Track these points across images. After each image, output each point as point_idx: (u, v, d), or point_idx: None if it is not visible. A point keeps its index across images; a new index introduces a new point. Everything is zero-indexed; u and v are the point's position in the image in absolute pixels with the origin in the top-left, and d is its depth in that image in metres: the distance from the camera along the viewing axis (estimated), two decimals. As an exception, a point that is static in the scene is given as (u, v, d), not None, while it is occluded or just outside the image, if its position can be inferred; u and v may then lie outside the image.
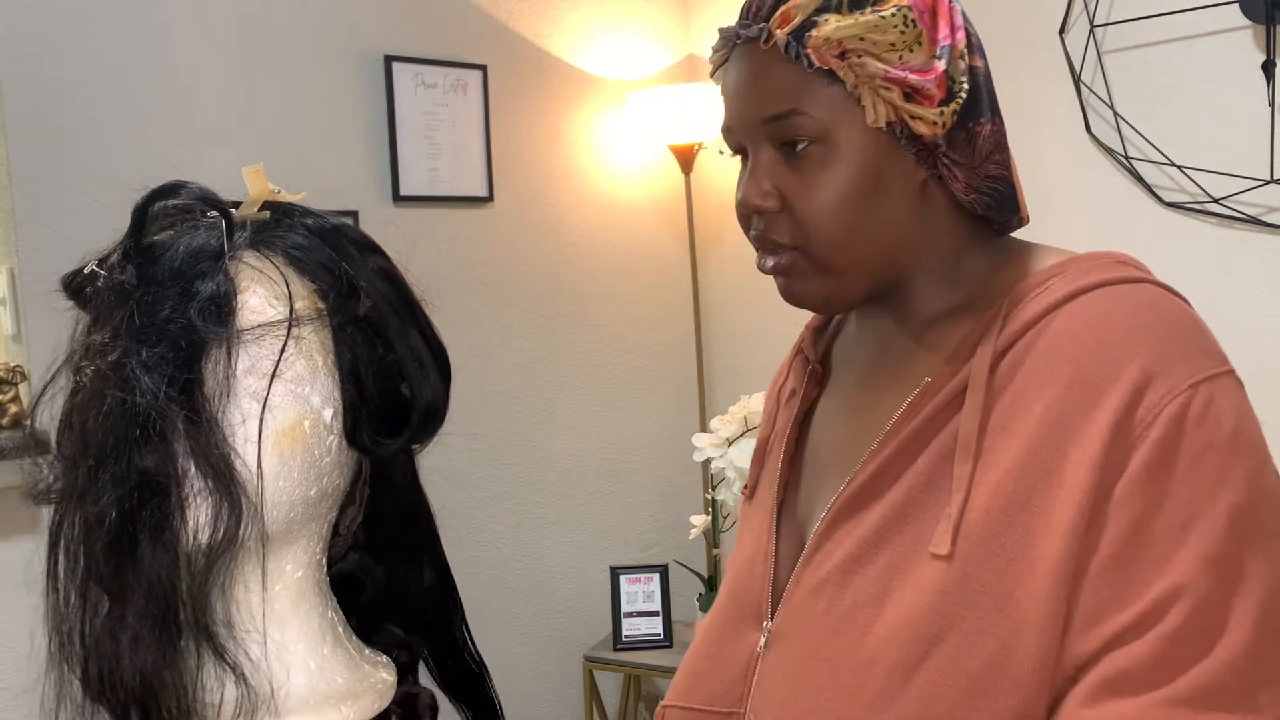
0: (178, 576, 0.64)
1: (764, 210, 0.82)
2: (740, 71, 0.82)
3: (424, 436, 0.76)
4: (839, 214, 0.79)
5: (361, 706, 0.73)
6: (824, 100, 0.79)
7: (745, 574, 0.91)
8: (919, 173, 0.81)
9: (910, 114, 0.78)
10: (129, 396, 0.62)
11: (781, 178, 0.81)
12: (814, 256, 0.81)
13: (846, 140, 0.79)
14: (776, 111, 0.79)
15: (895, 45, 0.77)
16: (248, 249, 0.69)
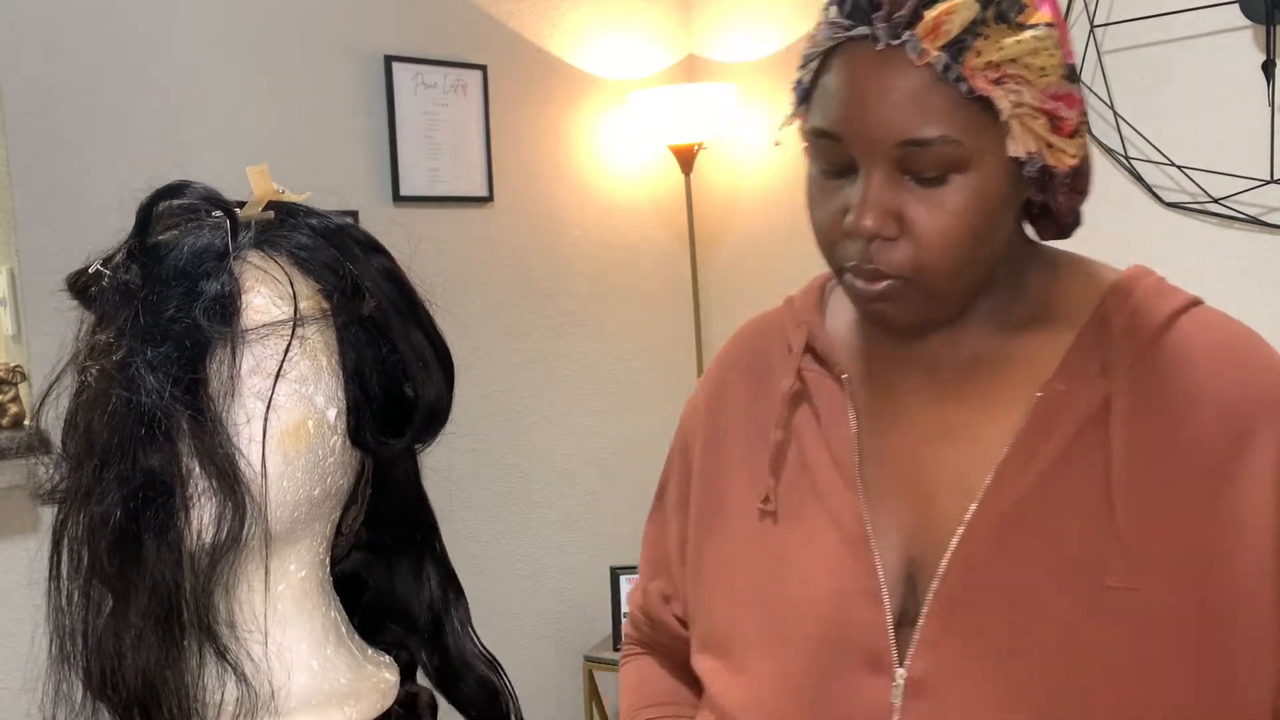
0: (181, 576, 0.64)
1: (881, 236, 0.75)
2: (873, 80, 0.73)
3: (427, 436, 0.76)
4: (964, 244, 0.74)
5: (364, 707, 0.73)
6: (975, 128, 0.72)
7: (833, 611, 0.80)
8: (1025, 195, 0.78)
9: (1049, 143, 0.74)
10: (134, 396, 0.63)
11: (905, 203, 0.74)
12: (924, 285, 0.76)
13: (987, 170, 0.73)
14: (921, 136, 0.72)
15: (1045, 70, 0.72)
16: (252, 249, 0.69)
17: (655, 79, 2.87)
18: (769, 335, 0.95)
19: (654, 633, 1.05)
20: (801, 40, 2.72)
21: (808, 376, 0.88)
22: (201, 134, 2.13)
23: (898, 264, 0.75)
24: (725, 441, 0.93)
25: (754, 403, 0.92)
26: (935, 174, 0.73)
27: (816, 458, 0.85)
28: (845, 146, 0.75)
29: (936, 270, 0.75)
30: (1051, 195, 0.78)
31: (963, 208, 0.73)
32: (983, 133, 0.72)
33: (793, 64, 2.59)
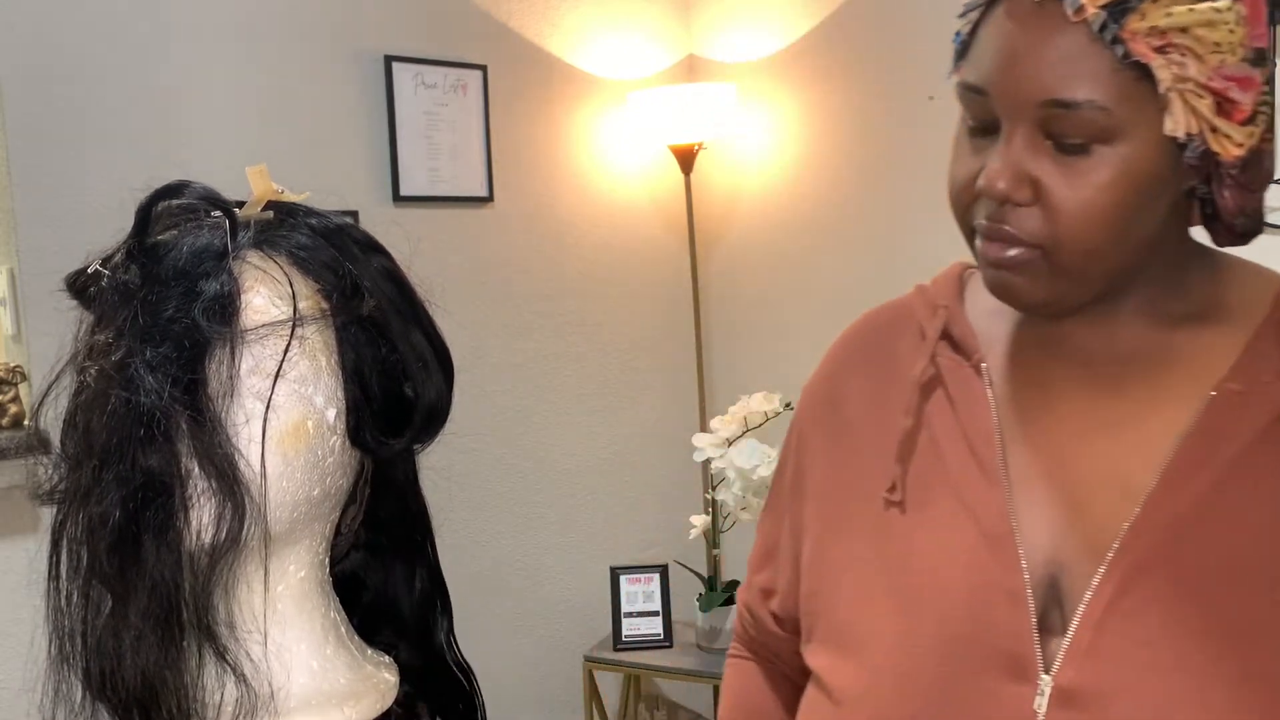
0: (181, 576, 0.64)
1: (1012, 200, 0.71)
2: (1025, 34, 0.69)
3: (427, 436, 0.76)
4: (1105, 223, 0.69)
5: (364, 707, 0.73)
6: (1126, 96, 0.67)
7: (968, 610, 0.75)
8: (1184, 183, 0.72)
9: (1214, 127, 0.68)
10: (133, 396, 0.63)
11: (1043, 169, 0.70)
12: (1057, 260, 0.71)
13: (1137, 146, 0.68)
14: (1068, 98, 0.67)
15: (1220, 46, 0.66)
16: (251, 249, 0.69)
17: (655, 79, 2.87)
18: (895, 322, 0.90)
19: (757, 632, 1.01)
20: (802, 40, 2.73)
21: (942, 363, 0.83)
22: (201, 134, 2.13)
23: (1029, 232, 0.71)
24: (847, 431, 0.88)
25: (878, 391, 0.87)
26: (1079, 141, 0.68)
27: (951, 447, 0.80)
28: (991, 103, 0.72)
29: (1070, 246, 0.70)
30: (1217, 188, 0.71)
31: (1105, 183, 0.68)
32: (1136, 104, 0.67)
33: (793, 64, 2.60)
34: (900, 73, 2.52)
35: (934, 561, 0.78)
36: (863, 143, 2.61)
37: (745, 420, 2.38)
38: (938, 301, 0.87)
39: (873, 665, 0.78)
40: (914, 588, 0.78)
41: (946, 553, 0.77)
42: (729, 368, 2.92)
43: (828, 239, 2.69)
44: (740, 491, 2.35)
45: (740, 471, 2.31)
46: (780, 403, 2.36)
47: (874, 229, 2.59)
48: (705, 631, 2.48)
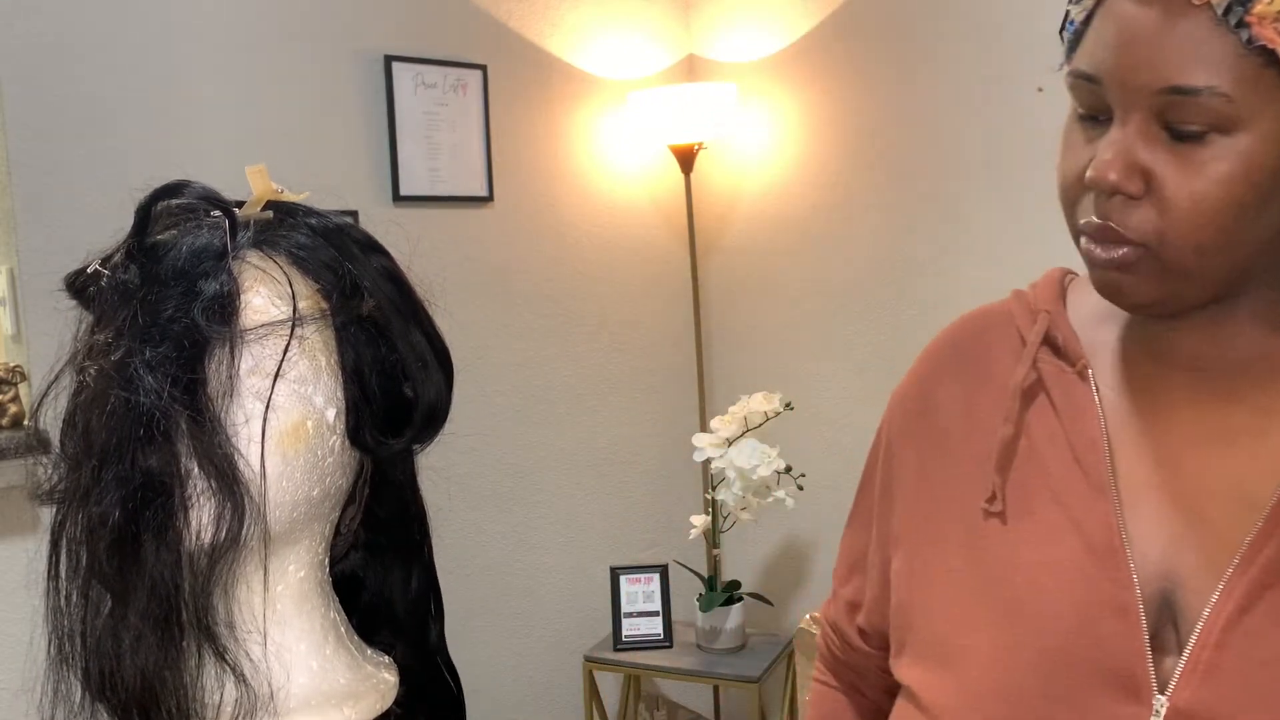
0: (180, 576, 0.64)
1: (1122, 191, 0.67)
2: (1144, 19, 0.65)
3: (427, 436, 0.76)
4: (1219, 219, 0.66)
5: (364, 707, 0.73)
6: (1251, 83, 0.63)
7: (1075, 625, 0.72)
8: None
9: None
10: (132, 396, 0.62)
11: (1157, 159, 0.66)
12: (1167, 259, 0.68)
13: (1259, 138, 0.64)
14: (1188, 84, 0.64)
15: None
16: (251, 248, 0.69)
17: (655, 79, 2.87)
18: (991, 328, 0.87)
19: (842, 650, 0.99)
20: (802, 40, 2.73)
21: (1044, 370, 0.80)
22: (201, 134, 2.13)
23: (1137, 228, 0.67)
24: (941, 440, 0.85)
25: (973, 398, 0.84)
26: (1197, 130, 0.65)
27: (1054, 456, 0.77)
28: (1104, 91, 0.68)
29: (1182, 242, 0.66)
30: None
31: (1223, 175, 0.65)
32: (1261, 93, 0.63)
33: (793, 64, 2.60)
34: (900, 72, 2.52)
35: (1037, 574, 0.75)
36: (863, 142, 2.61)
37: (745, 420, 2.38)
38: (1039, 306, 0.83)
39: (971, 680, 0.75)
40: (1016, 601, 0.75)
41: (1051, 566, 0.74)
42: (729, 368, 2.92)
43: (828, 239, 2.69)
44: (740, 491, 2.35)
45: (740, 471, 2.31)
46: (780, 403, 2.36)
47: (874, 229, 2.59)
48: (705, 631, 2.49)
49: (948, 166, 2.44)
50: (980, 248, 2.37)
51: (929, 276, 2.50)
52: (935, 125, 2.46)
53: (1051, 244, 1.06)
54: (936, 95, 2.45)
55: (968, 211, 2.39)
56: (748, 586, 2.60)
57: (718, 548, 2.58)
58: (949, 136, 2.43)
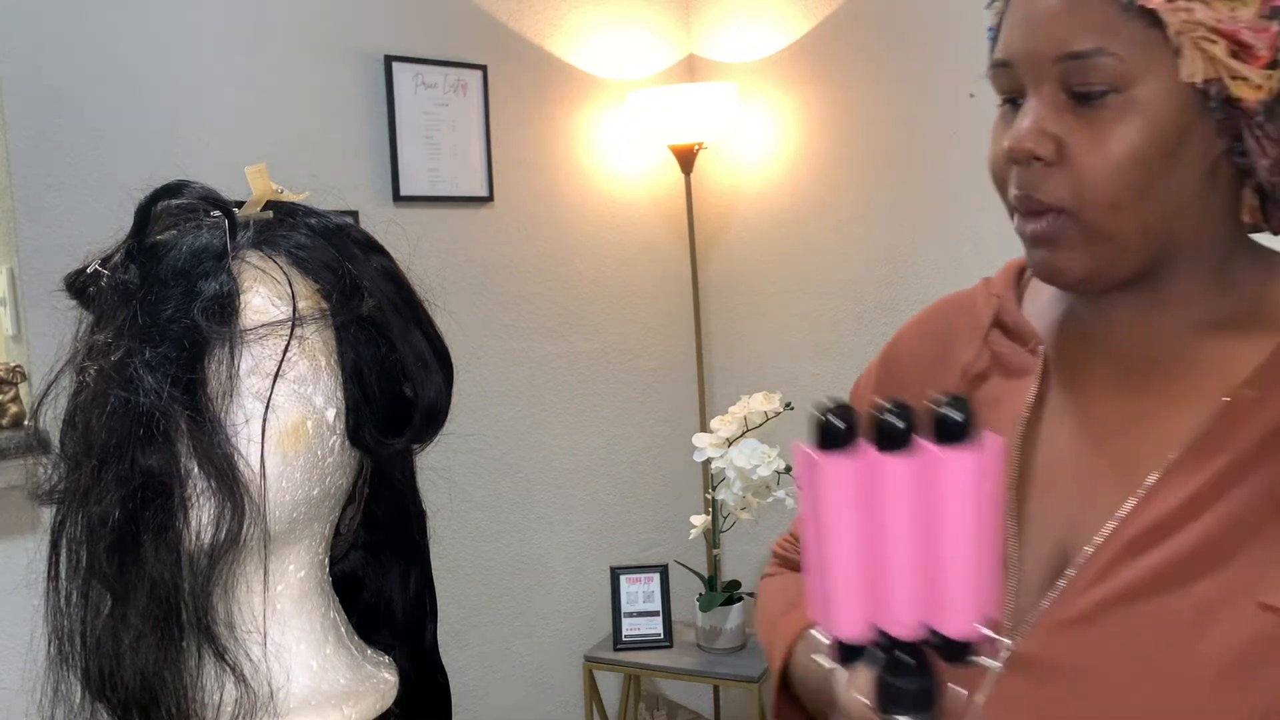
0: (180, 576, 0.64)
1: (1037, 157, 0.73)
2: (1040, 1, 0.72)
3: (426, 436, 0.76)
4: (1127, 174, 0.70)
5: (364, 707, 0.73)
6: (1136, 43, 0.69)
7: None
8: (1217, 145, 0.72)
9: (1233, 73, 0.69)
10: (132, 396, 0.62)
11: (1065, 125, 0.72)
12: (1086, 221, 0.72)
13: (1151, 93, 0.70)
14: (1080, 49, 0.70)
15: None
16: (251, 248, 0.69)
17: (655, 79, 2.87)
18: (956, 313, 0.93)
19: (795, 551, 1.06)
20: (802, 40, 2.73)
21: (998, 351, 0.87)
22: (201, 134, 2.13)
23: (1055, 192, 0.73)
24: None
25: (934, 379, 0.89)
26: (1096, 90, 0.70)
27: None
28: (1016, 72, 0.75)
29: (1098, 200, 0.71)
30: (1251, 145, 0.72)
31: (1125, 133, 0.70)
32: (1149, 51, 0.69)
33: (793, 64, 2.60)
34: (900, 72, 2.52)
35: None
36: (863, 142, 2.61)
37: (745, 420, 2.38)
38: (993, 290, 0.89)
39: None
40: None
41: None
42: (729, 368, 2.92)
43: (827, 239, 2.69)
44: (740, 491, 2.35)
45: (740, 471, 2.31)
46: (780, 403, 2.36)
47: (874, 229, 2.59)
48: (705, 631, 2.48)
49: (947, 166, 2.44)
50: (979, 247, 2.37)
51: (929, 276, 2.49)
52: (935, 125, 2.46)
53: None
54: (936, 95, 2.45)
55: (967, 211, 2.39)
56: (748, 586, 2.60)
57: (718, 548, 2.58)
58: (949, 136, 2.43)
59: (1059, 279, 0.77)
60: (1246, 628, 0.68)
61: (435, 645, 0.84)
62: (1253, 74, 0.69)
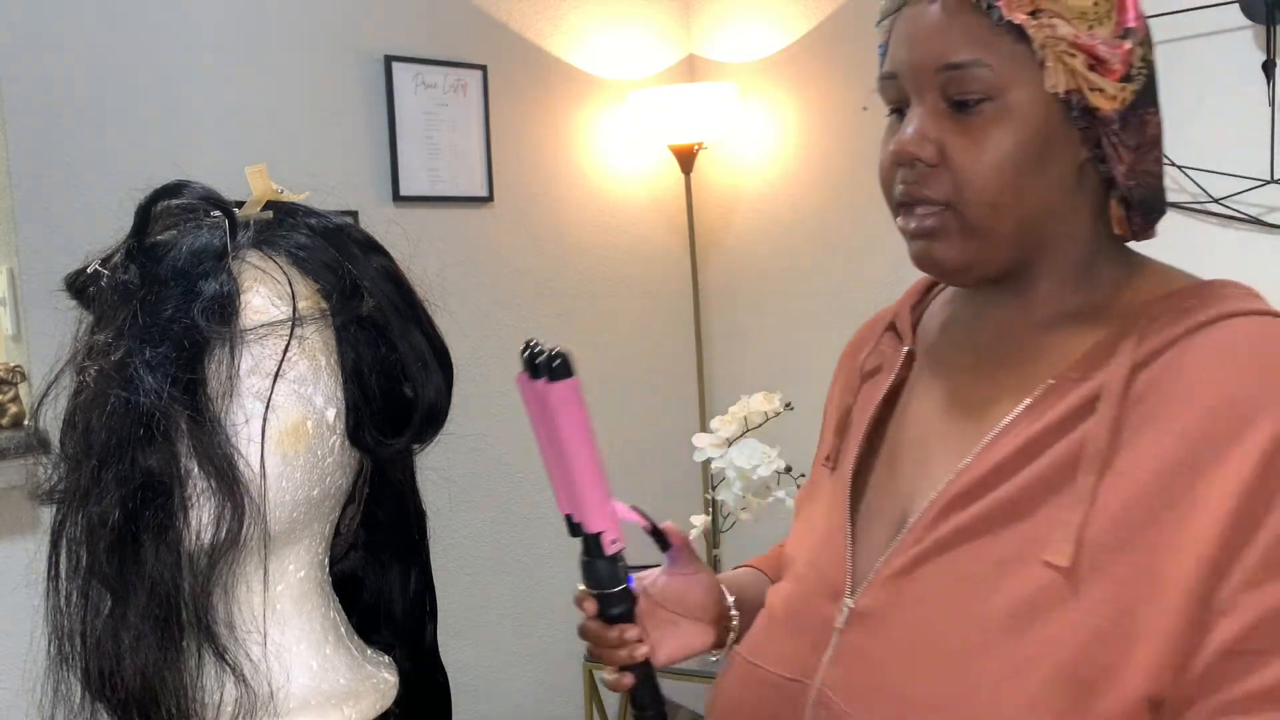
0: (180, 576, 0.64)
1: (920, 159, 0.80)
2: (920, 17, 0.81)
3: (426, 436, 0.76)
4: (1001, 174, 0.78)
5: (364, 707, 0.73)
6: (1006, 56, 0.78)
7: (825, 547, 0.92)
8: (1081, 152, 0.81)
9: (1091, 84, 0.77)
10: (132, 396, 0.62)
11: (945, 131, 0.80)
12: (966, 216, 0.80)
13: (1020, 101, 0.78)
14: (957, 60, 0.78)
15: (1086, 14, 0.77)
16: (251, 248, 0.69)
17: (655, 79, 2.87)
18: (878, 318, 1.04)
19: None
20: (802, 40, 2.73)
21: (887, 351, 0.98)
22: (201, 134, 2.13)
23: (937, 190, 0.80)
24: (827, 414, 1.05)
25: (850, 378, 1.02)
26: (972, 98, 0.78)
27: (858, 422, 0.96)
28: (901, 83, 0.82)
29: (976, 198, 0.79)
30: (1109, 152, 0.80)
31: (999, 136, 0.78)
32: (1017, 63, 0.77)
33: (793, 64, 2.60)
34: (900, 73, 2.52)
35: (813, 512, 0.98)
36: (862, 142, 2.61)
37: (745, 420, 2.37)
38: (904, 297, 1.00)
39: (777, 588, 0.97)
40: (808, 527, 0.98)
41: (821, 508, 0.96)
42: (729, 368, 2.92)
43: (828, 239, 2.69)
44: (740, 491, 2.35)
45: (740, 471, 2.31)
46: (780, 403, 2.36)
47: (874, 228, 2.59)
48: (705, 631, 2.48)
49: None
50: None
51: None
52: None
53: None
54: (936, 95, 2.45)
55: (968, 211, 2.38)
56: (748, 586, 2.59)
57: (718, 548, 2.58)
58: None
59: (936, 268, 0.84)
60: (1031, 581, 0.75)
61: (435, 645, 0.84)
62: (1108, 85, 0.78)
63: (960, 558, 0.79)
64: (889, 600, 0.83)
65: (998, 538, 0.78)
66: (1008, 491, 0.78)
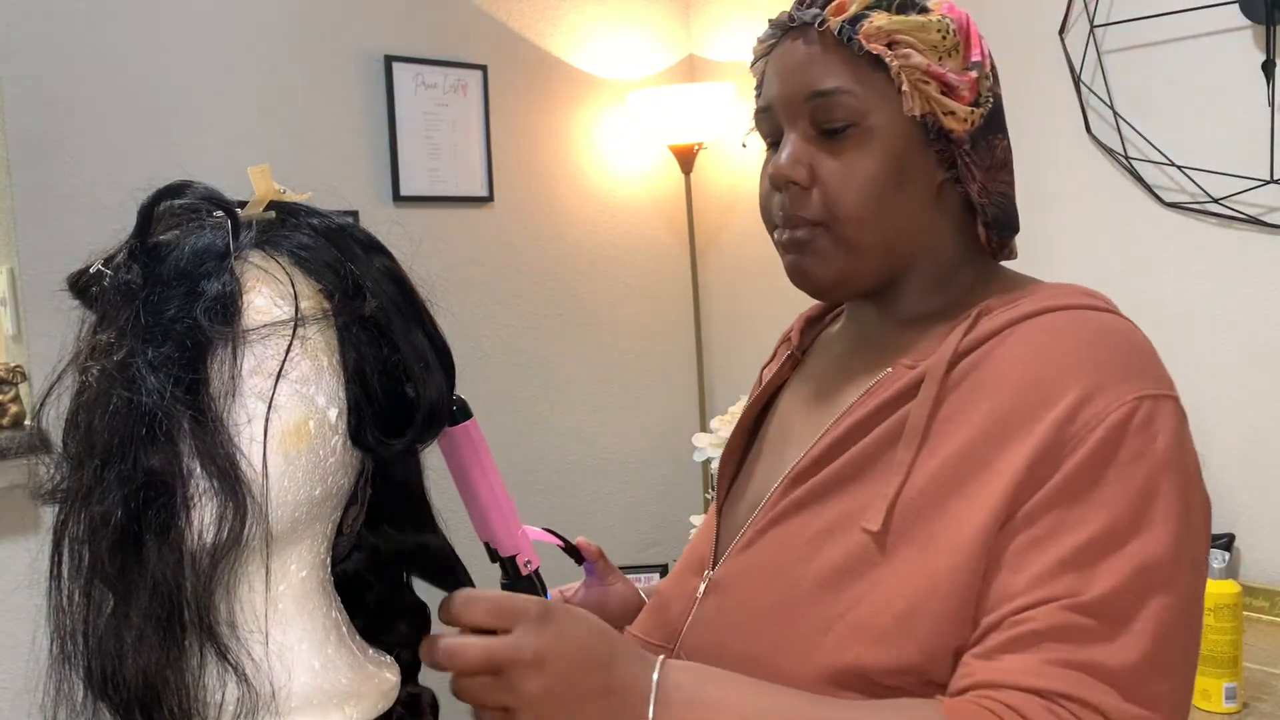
0: (182, 576, 0.64)
1: (795, 181, 0.88)
2: (789, 53, 0.90)
3: (428, 436, 0.76)
4: (867, 193, 0.86)
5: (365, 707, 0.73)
6: (868, 83, 0.86)
7: (703, 530, 1.02)
8: (939, 173, 0.88)
9: (944, 108, 0.85)
10: (135, 396, 0.62)
11: (815, 156, 0.88)
12: (837, 233, 0.87)
13: (882, 125, 0.86)
14: (824, 88, 0.86)
15: (936, 47, 0.86)
16: (253, 249, 0.69)
17: (655, 79, 2.87)
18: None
19: None
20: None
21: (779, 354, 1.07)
22: (201, 134, 2.13)
23: (810, 209, 0.88)
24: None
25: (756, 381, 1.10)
26: (839, 125, 0.86)
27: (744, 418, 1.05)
28: (775, 115, 0.91)
29: (846, 216, 0.86)
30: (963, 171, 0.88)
31: (864, 157, 0.86)
32: (878, 90, 0.86)
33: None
34: (900, 73, 2.52)
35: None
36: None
37: (745, 420, 2.37)
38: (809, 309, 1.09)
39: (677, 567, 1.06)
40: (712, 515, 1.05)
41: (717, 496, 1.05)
42: (729, 368, 2.92)
43: (828, 239, 2.69)
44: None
45: (740, 471, 2.31)
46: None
47: (874, 229, 2.59)
48: (705, 631, 2.48)
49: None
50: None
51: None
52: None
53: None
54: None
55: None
56: (748, 586, 2.60)
57: (718, 547, 2.58)
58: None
59: (807, 282, 0.91)
60: (848, 545, 0.82)
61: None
62: (959, 109, 0.86)
63: (790, 528, 0.87)
64: (735, 569, 0.91)
65: (826, 507, 0.85)
66: (836, 468, 0.86)
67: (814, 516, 0.86)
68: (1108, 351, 0.81)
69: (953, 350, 0.83)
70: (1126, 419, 0.77)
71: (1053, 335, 0.82)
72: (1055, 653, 0.72)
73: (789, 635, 0.83)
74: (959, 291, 0.91)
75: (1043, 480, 0.76)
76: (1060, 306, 0.84)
